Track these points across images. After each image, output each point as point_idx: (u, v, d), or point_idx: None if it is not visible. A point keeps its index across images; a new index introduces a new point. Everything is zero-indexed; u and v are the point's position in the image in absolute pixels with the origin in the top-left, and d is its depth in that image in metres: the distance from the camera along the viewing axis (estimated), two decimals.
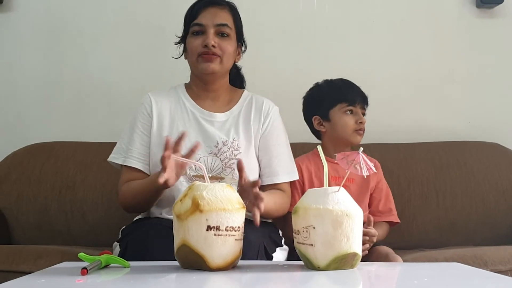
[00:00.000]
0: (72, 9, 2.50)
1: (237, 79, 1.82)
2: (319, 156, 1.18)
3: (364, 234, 1.55)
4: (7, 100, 2.48)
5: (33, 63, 2.50)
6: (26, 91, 2.48)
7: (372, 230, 1.60)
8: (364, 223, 1.55)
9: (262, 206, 1.28)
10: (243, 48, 1.75)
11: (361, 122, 1.81)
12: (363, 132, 1.83)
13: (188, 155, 1.35)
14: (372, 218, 1.63)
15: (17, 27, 2.49)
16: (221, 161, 1.60)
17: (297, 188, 1.77)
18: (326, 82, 1.93)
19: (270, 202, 1.54)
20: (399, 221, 1.86)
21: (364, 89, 1.90)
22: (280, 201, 1.63)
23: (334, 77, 2.40)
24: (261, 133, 1.68)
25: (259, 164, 1.68)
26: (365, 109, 1.87)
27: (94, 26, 2.50)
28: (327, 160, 1.64)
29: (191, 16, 1.65)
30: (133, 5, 2.51)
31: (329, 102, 1.86)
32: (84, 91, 2.49)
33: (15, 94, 2.48)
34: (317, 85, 1.94)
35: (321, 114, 1.87)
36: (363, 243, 1.56)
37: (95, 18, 2.50)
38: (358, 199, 1.13)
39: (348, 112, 1.83)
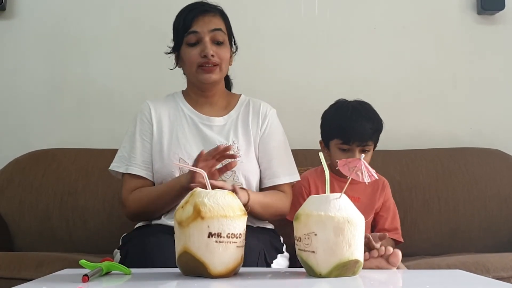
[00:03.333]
0: (74, 16, 2.51)
1: (226, 82, 1.81)
2: (328, 171, 1.17)
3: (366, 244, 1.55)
4: (9, 106, 2.49)
5: (35, 69, 2.50)
6: (29, 97, 2.49)
7: (376, 245, 1.58)
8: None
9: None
10: (234, 50, 1.74)
11: None
12: None
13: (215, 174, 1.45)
14: (386, 236, 1.61)
15: (19, 34, 2.50)
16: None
17: (304, 199, 1.76)
18: (334, 108, 1.83)
19: (260, 196, 1.58)
20: (402, 241, 1.85)
21: (365, 95, 1.87)
22: (275, 197, 1.63)
23: (337, 84, 2.41)
24: (260, 136, 1.69)
25: (260, 167, 1.68)
26: (369, 145, 1.75)
27: (97, 32, 2.51)
28: (335, 178, 1.64)
29: (184, 26, 1.63)
30: (136, 12, 2.52)
31: (329, 133, 1.81)
32: (86, 97, 2.49)
33: (17, 100, 2.49)
34: (330, 107, 1.85)
35: (324, 141, 1.84)
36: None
37: (97, 24, 2.51)
38: None
39: (343, 149, 1.75)
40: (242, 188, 1.53)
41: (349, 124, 1.74)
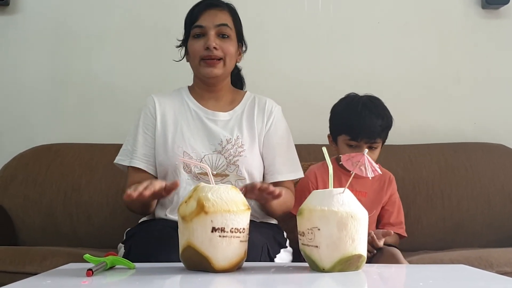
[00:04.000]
0: (78, 11, 2.51)
1: (237, 80, 1.83)
2: (336, 166, 1.18)
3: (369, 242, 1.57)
4: (13, 102, 2.49)
5: (39, 65, 2.51)
6: (32, 93, 2.50)
7: (379, 243, 1.60)
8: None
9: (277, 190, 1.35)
10: (244, 49, 1.74)
11: None
12: None
13: (167, 191, 1.36)
14: (390, 233, 1.63)
15: (23, 29, 2.51)
16: (225, 158, 1.61)
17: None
18: (345, 102, 1.80)
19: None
20: (406, 235, 1.84)
21: (369, 90, 1.85)
22: (287, 194, 1.62)
23: (340, 79, 2.40)
24: (265, 132, 1.69)
25: (263, 163, 1.68)
26: (377, 143, 1.73)
27: (100, 28, 2.51)
28: (343, 173, 1.62)
29: (191, 19, 1.66)
30: (138, 8, 2.52)
31: (337, 128, 1.78)
32: (89, 93, 2.50)
33: (21, 96, 2.50)
34: (340, 101, 1.83)
35: (332, 135, 1.82)
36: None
37: (101, 20, 2.51)
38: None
39: (350, 145, 1.72)
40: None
41: (358, 120, 1.71)
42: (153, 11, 2.51)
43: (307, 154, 2.07)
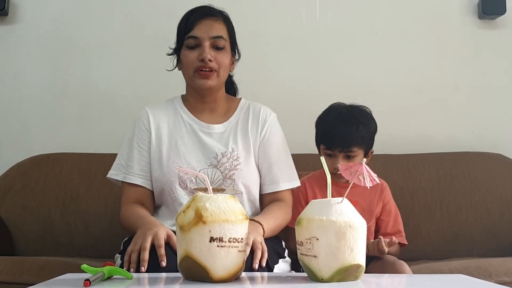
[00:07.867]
0: (77, 21, 2.52)
1: (230, 87, 1.81)
2: (325, 177, 1.17)
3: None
4: (11, 111, 2.49)
5: (38, 74, 2.51)
6: (31, 102, 2.50)
7: (385, 249, 1.60)
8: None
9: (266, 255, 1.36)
10: (237, 57, 1.73)
11: (335, 168, 1.65)
12: None
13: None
14: (395, 242, 1.63)
15: (22, 39, 2.51)
16: (221, 172, 1.60)
17: (302, 205, 1.76)
18: (325, 112, 1.80)
19: (271, 222, 1.55)
20: (406, 243, 1.83)
21: (367, 99, 1.86)
22: (282, 214, 1.63)
23: (338, 89, 2.40)
24: (260, 141, 1.68)
25: (260, 173, 1.68)
26: (353, 152, 1.70)
27: (99, 37, 2.51)
28: (333, 183, 1.63)
29: (185, 28, 1.62)
30: (138, 17, 2.53)
31: (317, 137, 1.80)
32: (88, 102, 2.50)
33: (19, 105, 2.50)
34: (322, 112, 1.82)
35: (316, 145, 1.81)
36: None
37: (100, 29, 2.52)
38: None
39: (328, 154, 1.72)
40: (253, 220, 1.48)
41: (330, 128, 1.71)
42: (152, 19, 2.51)
43: (306, 163, 2.06)
